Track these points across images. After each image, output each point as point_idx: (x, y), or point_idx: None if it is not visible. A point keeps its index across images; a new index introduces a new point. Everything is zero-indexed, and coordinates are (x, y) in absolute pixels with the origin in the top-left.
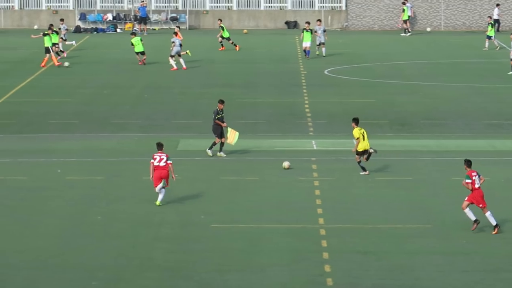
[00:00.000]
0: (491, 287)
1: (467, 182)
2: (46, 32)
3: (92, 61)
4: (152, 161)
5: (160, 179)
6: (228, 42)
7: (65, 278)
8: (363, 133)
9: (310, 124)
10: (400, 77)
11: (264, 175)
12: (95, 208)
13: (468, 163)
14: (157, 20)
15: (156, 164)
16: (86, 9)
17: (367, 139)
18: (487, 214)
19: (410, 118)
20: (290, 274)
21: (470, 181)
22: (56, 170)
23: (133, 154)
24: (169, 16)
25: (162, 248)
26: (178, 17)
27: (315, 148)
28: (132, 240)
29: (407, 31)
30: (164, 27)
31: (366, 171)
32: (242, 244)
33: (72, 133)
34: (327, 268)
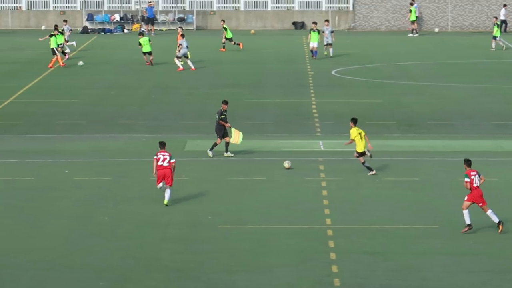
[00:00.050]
0: None
1: (466, 181)
2: (52, 32)
3: (99, 61)
4: (156, 157)
5: (163, 178)
6: (230, 43)
7: (72, 279)
8: (361, 133)
9: (317, 124)
10: (407, 77)
11: (271, 176)
12: (102, 208)
13: (468, 163)
14: (164, 20)
15: (160, 163)
16: (93, 9)
17: (365, 139)
18: (488, 212)
19: (417, 119)
20: (297, 275)
21: (468, 180)
22: (64, 170)
23: (140, 155)
24: (176, 17)
25: (170, 248)
26: (186, 17)
27: (322, 148)
28: (140, 240)
29: (414, 32)
30: (172, 28)
31: (373, 170)
32: (249, 244)
33: (80, 133)
34: (335, 268)
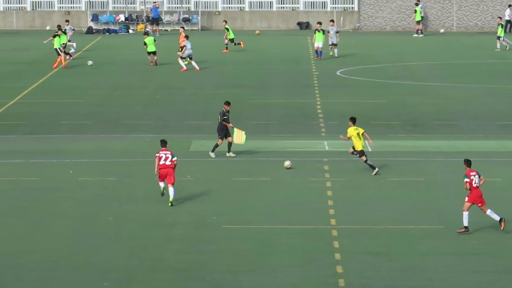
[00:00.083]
0: None
1: (466, 181)
2: (56, 33)
3: (104, 62)
4: (158, 155)
5: (165, 177)
6: (231, 44)
7: (77, 279)
8: (359, 133)
9: (322, 125)
10: (412, 78)
11: (275, 176)
12: (107, 208)
13: (468, 163)
14: (169, 21)
15: (162, 162)
16: (98, 10)
17: (363, 139)
18: (488, 212)
19: (422, 119)
20: (301, 275)
21: (468, 180)
22: (68, 171)
23: (145, 155)
24: (181, 17)
25: (174, 249)
26: (190, 18)
27: (327, 149)
28: (144, 241)
29: (419, 32)
30: (177, 28)
31: (376, 168)
32: (253, 245)
33: (84, 134)
34: (339, 269)
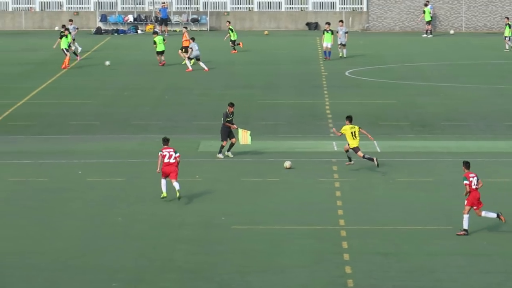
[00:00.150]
0: None
1: (465, 183)
2: (62, 33)
3: (112, 62)
4: (162, 153)
5: (168, 174)
6: (231, 45)
7: (85, 280)
8: (355, 131)
9: (331, 125)
10: (421, 78)
11: (284, 177)
12: (116, 209)
13: (467, 165)
14: (178, 21)
15: (166, 161)
16: (107, 10)
17: (359, 137)
18: (483, 214)
19: (431, 119)
20: (310, 276)
21: (467, 182)
22: (77, 171)
23: (153, 156)
24: (190, 18)
25: (183, 249)
26: (199, 18)
27: (335, 149)
28: (153, 241)
29: (428, 33)
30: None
31: (374, 158)
32: (262, 245)
33: (93, 134)
34: (348, 269)
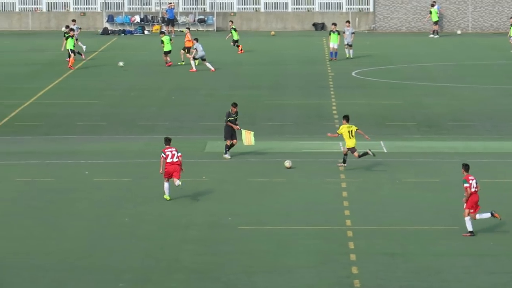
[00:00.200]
0: None
1: (466, 186)
2: (68, 34)
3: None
4: (164, 155)
5: (173, 173)
6: (232, 45)
7: (92, 280)
8: (352, 130)
9: (337, 126)
10: (428, 78)
11: (291, 177)
12: (123, 209)
13: (466, 167)
14: (184, 22)
15: (170, 160)
16: (113, 11)
17: (355, 137)
18: (477, 216)
19: (438, 120)
20: (317, 276)
21: (468, 184)
22: (84, 172)
23: (160, 156)
24: (196, 18)
25: (190, 250)
26: (206, 19)
27: (342, 150)
28: (160, 242)
29: (435, 33)
30: (192, 29)
31: (369, 150)
32: (269, 246)
33: (100, 135)
34: (354, 270)
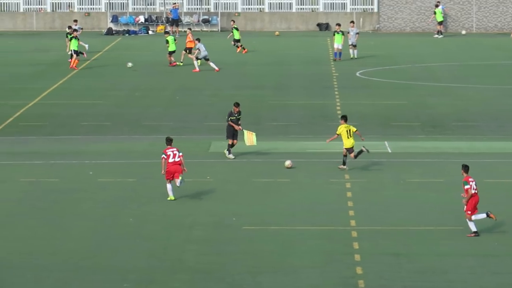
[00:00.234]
0: None
1: (467, 188)
2: (72, 35)
3: (124, 63)
4: (165, 156)
5: (173, 173)
6: (232, 44)
7: (96, 280)
8: (350, 130)
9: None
10: (432, 79)
11: (295, 177)
12: (127, 210)
13: (466, 169)
14: (189, 22)
15: (171, 160)
16: (118, 11)
17: (353, 137)
18: (473, 217)
19: (442, 120)
20: (321, 276)
21: (468, 186)
22: (88, 172)
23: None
24: (201, 18)
25: (194, 250)
26: (210, 19)
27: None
28: (164, 242)
29: (440, 33)
30: (196, 29)
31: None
32: (274, 246)
33: (104, 135)
34: (359, 270)
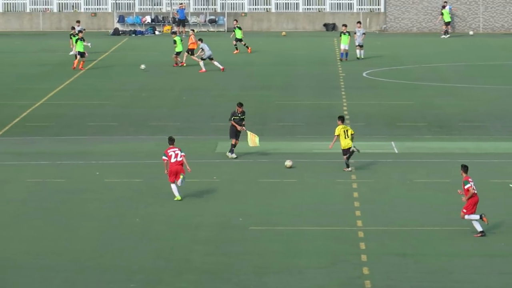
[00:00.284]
0: None
1: (468, 187)
2: (77, 37)
3: (130, 63)
4: (166, 158)
5: (177, 173)
6: (235, 43)
7: (103, 280)
8: (346, 131)
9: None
10: (439, 79)
11: (302, 178)
12: (133, 210)
13: (465, 169)
14: (195, 22)
15: (173, 160)
16: (124, 11)
17: (350, 138)
18: (466, 217)
19: (449, 120)
20: (328, 277)
21: (469, 185)
22: (95, 172)
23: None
24: (207, 19)
25: (200, 250)
26: (217, 19)
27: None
28: (170, 242)
29: (446, 33)
30: (203, 30)
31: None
32: (280, 246)
33: (111, 135)
34: (365, 270)
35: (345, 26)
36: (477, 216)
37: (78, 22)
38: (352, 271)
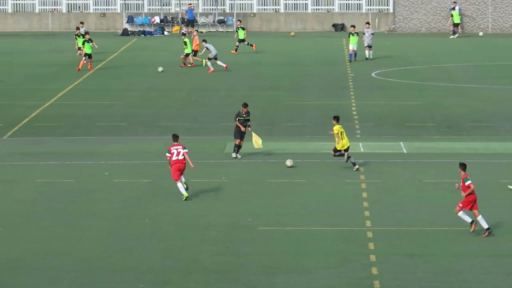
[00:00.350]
0: None
1: (469, 183)
2: (84, 38)
3: (139, 63)
4: (169, 155)
5: (180, 171)
6: (236, 44)
7: (112, 281)
8: (343, 131)
9: (357, 126)
10: (447, 79)
11: (311, 178)
12: (142, 210)
13: (463, 167)
14: (204, 23)
15: (175, 158)
16: (133, 12)
17: (347, 137)
18: (460, 214)
19: (457, 121)
20: (337, 277)
21: (470, 182)
22: (104, 172)
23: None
24: (216, 19)
25: (209, 250)
26: (225, 19)
27: (362, 150)
28: (179, 242)
29: (454, 33)
30: (212, 30)
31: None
32: (289, 246)
33: (120, 135)
34: (374, 270)
35: (353, 27)
36: (469, 219)
37: (82, 23)
38: (361, 271)
